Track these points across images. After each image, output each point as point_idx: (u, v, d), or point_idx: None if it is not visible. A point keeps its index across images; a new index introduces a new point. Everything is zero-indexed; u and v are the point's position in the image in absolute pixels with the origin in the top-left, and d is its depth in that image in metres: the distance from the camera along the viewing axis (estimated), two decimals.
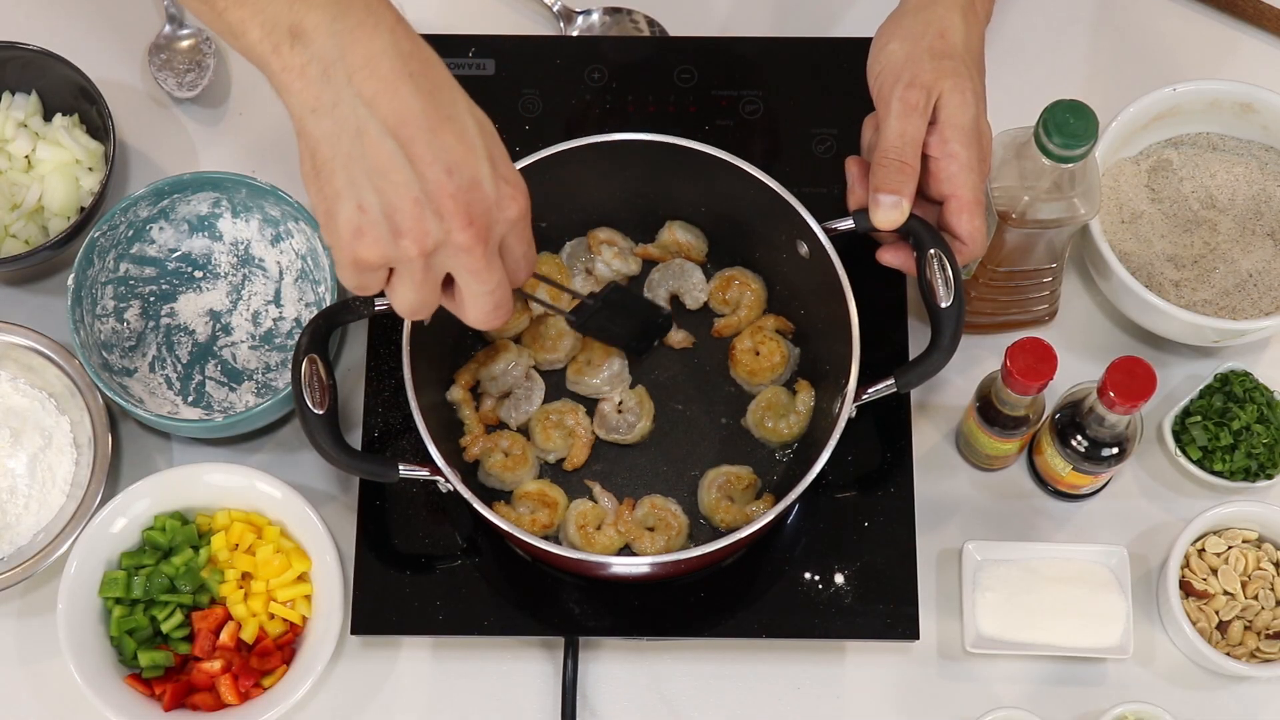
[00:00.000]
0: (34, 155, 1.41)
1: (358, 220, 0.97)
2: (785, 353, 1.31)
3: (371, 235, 0.97)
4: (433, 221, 0.97)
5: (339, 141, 0.96)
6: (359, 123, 0.96)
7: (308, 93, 0.96)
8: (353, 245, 0.98)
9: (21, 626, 1.33)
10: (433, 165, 0.97)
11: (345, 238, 0.98)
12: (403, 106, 0.96)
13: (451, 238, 0.98)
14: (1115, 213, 1.38)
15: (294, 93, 0.97)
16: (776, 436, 1.29)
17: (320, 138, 0.97)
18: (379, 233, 0.97)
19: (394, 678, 1.31)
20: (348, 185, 0.97)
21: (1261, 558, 1.31)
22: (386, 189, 0.96)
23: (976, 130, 1.19)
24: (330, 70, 0.95)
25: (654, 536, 1.27)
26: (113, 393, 1.30)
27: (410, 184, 0.96)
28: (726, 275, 1.34)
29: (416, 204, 0.97)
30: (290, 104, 0.98)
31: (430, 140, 0.97)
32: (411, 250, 0.98)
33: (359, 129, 0.96)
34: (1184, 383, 1.39)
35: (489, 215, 1.00)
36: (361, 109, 0.96)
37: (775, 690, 1.31)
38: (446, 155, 0.97)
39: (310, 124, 0.97)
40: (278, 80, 0.98)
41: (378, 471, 1.20)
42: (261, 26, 0.96)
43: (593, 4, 1.50)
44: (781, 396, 1.30)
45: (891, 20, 1.24)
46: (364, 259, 0.99)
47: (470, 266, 1.01)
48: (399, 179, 0.96)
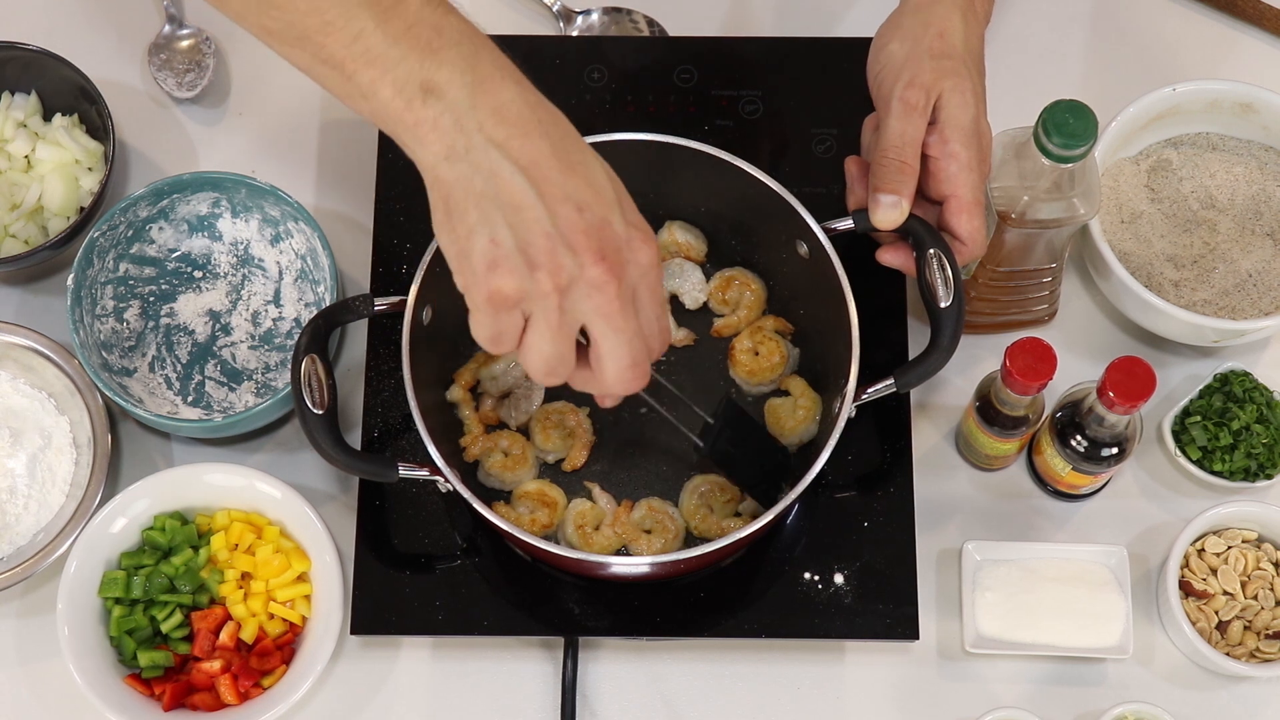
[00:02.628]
0: (34, 155, 1.41)
1: (492, 253, 0.97)
2: (784, 353, 1.31)
3: (506, 266, 0.97)
4: (566, 256, 0.97)
5: (472, 183, 0.97)
6: (492, 165, 0.96)
7: (441, 143, 0.97)
8: (488, 278, 0.97)
9: (21, 626, 1.33)
10: (564, 203, 0.97)
11: (480, 271, 0.98)
12: (534, 149, 0.97)
13: (585, 273, 0.98)
14: (1115, 213, 1.38)
15: (427, 144, 0.97)
16: (791, 432, 1.29)
17: (453, 182, 0.97)
18: (514, 264, 0.97)
19: (394, 678, 1.31)
20: (481, 221, 0.97)
21: (1261, 558, 1.31)
22: (519, 224, 0.97)
23: (976, 130, 1.19)
24: (463, 120, 0.97)
25: (651, 539, 1.27)
26: (112, 393, 1.30)
27: (543, 220, 0.96)
28: (726, 275, 1.34)
29: (549, 238, 0.97)
30: (423, 157, 0.98)
31: (562, 181, 0.97)
32: (546, 284, 0.97)
33: (492, 170, 0.96)
34: (1184, 383, 1.39)
35: (620, 255, 0.99)
36: (494, 152, 0.96)
37: (775, 690, 1.31)
38: (577, 195, 0.98)
39: (443, 171, 0.98)
40: (411, 135, 0.98)
41: (377, 471, 1.20)
42: (393, 84, 0.97)
43: (593, 4, 1.50)
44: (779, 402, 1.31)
45: (891, 21, 1.24)
46: (499, 290, 0.97)
47: (605, 309, 0.99)
48: (531, 215, 0.96)
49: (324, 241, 1.35)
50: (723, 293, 1.34)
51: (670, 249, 1.35)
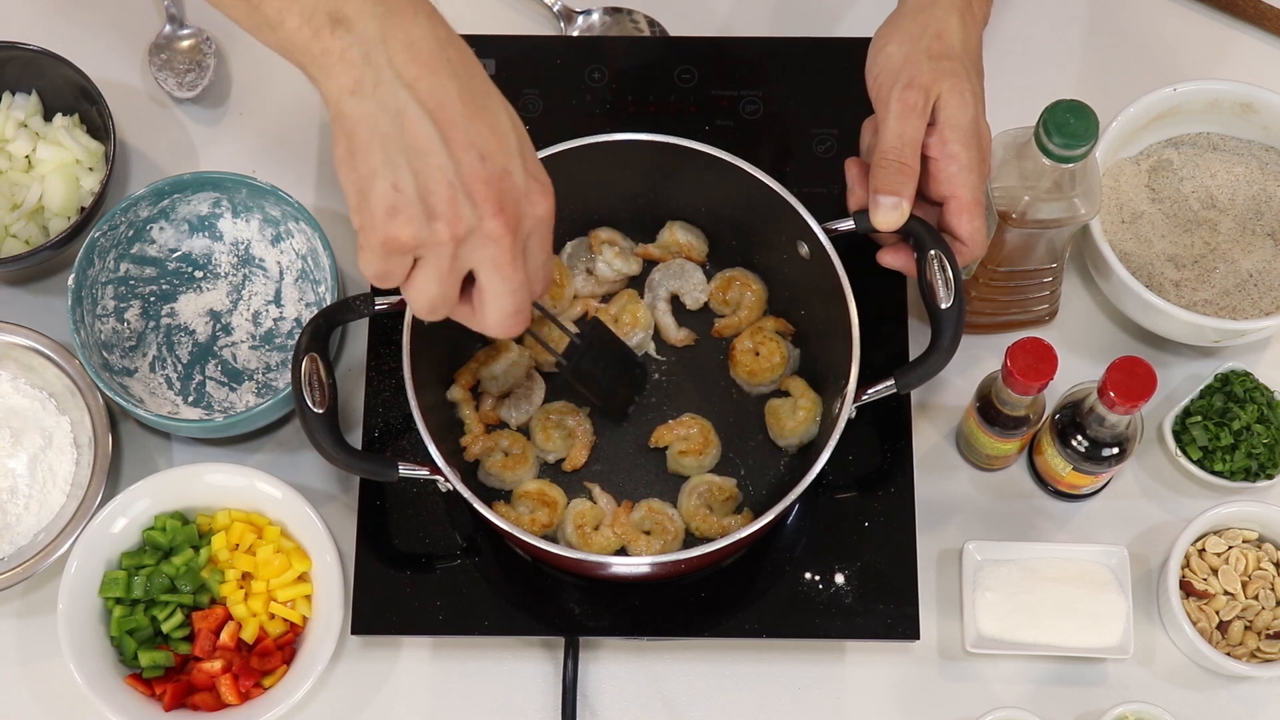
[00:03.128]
0: (34, 155, 1.41)
1: (392, 199, 0.97)
2: (785, 354, 1.31)
3: (405, 214, 0.97)
4: (465, 206, 0.97)
5: (378, 121, 0.96)
6: (399, 104, 0.96)
7: (348, 75, 0.97)
8: (386, 224, 0.97)
9: (21, 626, 1.33)
10: (468, 150, 0.97)
11: (379, 216, 0.97)
12: (442, 90, 0.97)
13: (483, 225, 0.98)
14: (1115, 213, 1.38)
15: (333, 76, 0.97)
16: (792, 434, 1.29)
17: (359, 118, 0.97)
18: (413, 212, 0.97)
19: (394, 678, 1.31)
20: (384, 164, 0.96)
21: (1262, 558, 1.31)
22: (423, 170, 0.96)
23: (976, 131, 1.19)
24: (371, 53, 0.96)
25: (650, 540, 1.27)
26: (113, 393, 1.30)
27: (445, 166, 0.96)
28: (727, 276, 1.34)
29: (451, 187, 0.97)
30: (328, 88, 0.98)
31: (467, 126, 0.97)
32: (444, 233, 0.97)
33: (399, 110, 0.96)
34: (1184, 383, 1.39)
35: (518, 207, 1.00)
36: (402, 90, 0.96)
37: (775, 690, 1.31)
38: (481, 142, 0.98)
39: (349, 105, 0.97)
40: (316, 65, 0.98)
41: (377, 471, 1.20)
42: (300, 14, 0.97)
43: (593, 4, 1.50)
44: (779, 402, 1.30)
45: (889, 22, 1.24)
46: (396, 238, 0.97)
47: (496, 260, 1.00)
48: (435, 161, 0.96)
49: (324, 241, 1.35)
50: (723, 293, 1.34)
51: (671, 249, 1.35)
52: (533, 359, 1.33)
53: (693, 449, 1.29)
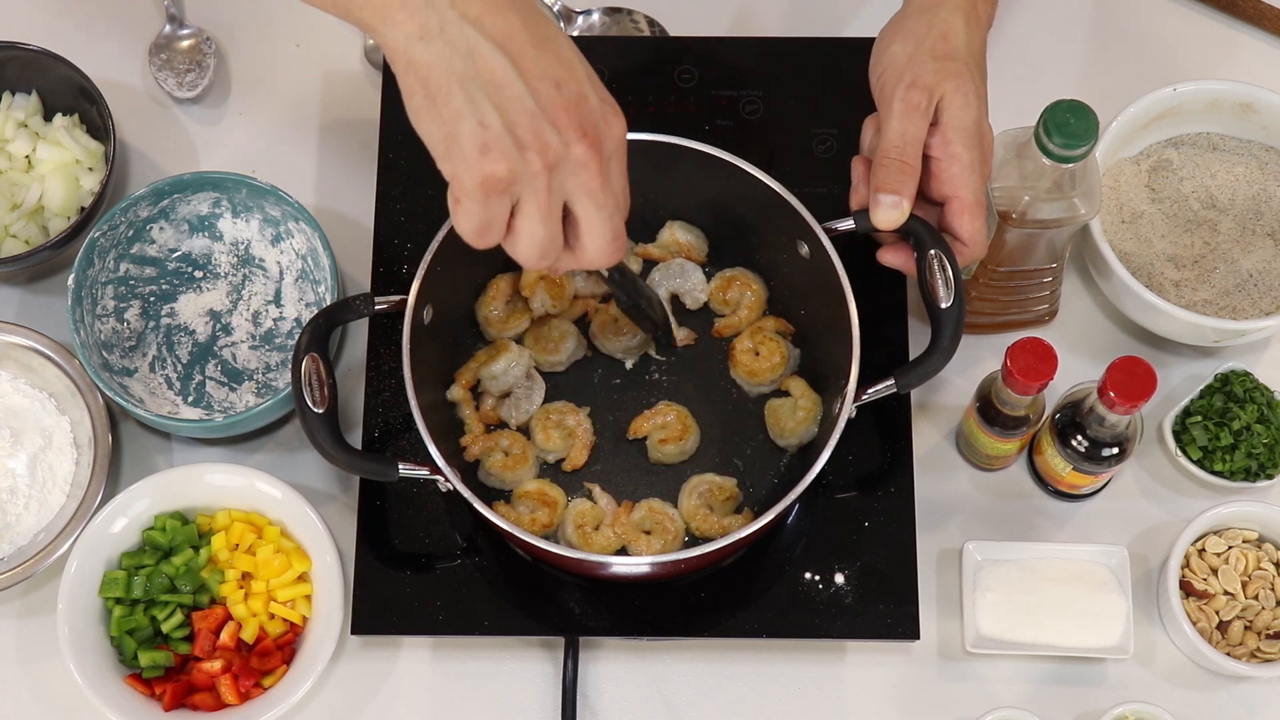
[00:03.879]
0: (34, 155, 1.41)
1: (482, 136, 0.96)
2: (785, 354, 1.31)
3: (498, 149, 0.97)
4: (551, 134, 0.97)
5: (451, 63, 0.96)
6: (469, 43, 0.96)
7: (413, 22, 0.97)
8: (481, 162, 0.97)
9: (21, 626, 1.33)
10: (543, 80, 0.97)
11: (472, 156, 0.97)
12: (507, 24, 0.97)
13: (570, 150, 0.98)
14: (1115, 213, 1.38)
15: (398, 24, 0.97)
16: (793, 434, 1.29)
17: (432, 63, 0.97)
18: (505, 146, 0.97)
19: (394, 678, 1.31)
20: (467, 104, 0.96)
21: (1262, 558, 1.31)
22: (504, 104, 0.96)
23: (978, 132, 1.19)
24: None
25: (650, 540, 1.27)
26: (113, 393, 1.30)
27: (524, 97, 0.97)
28: (727, 276, 1.34)
29: (533, 117, 0.97)
30: (393, 40, 0.98)
31: (537, 56, 0.97)
32: (536, 163, 0.97)
33: (470, 48, 0.96)
34: (1184, 383, 1.39)
35: (598, 129, 1.00)
36: (469, 29, 0.96)
37: (775, 690, 1.31)
38: (553, 71, 0.98)
39: (418, 53, 0.97)
40: (379, 17, 0.98)
41: (377, 471, 1.20)
42: None
43: (593, 4, 1.50)
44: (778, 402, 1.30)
45: (894, 22, 1.24)
46: (493, 175, 0.97)
47: (588, 186, 1.00)
48: (514, 93, 0.96)
49: (324, 241, 1.35)
50: (723, 293, 1.34)
51: (671, 249, 1.35)
52: (535, 357, 1.33)
53: (672, 436, 1.30)
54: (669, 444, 1.30)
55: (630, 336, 1.32)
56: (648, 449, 1.31)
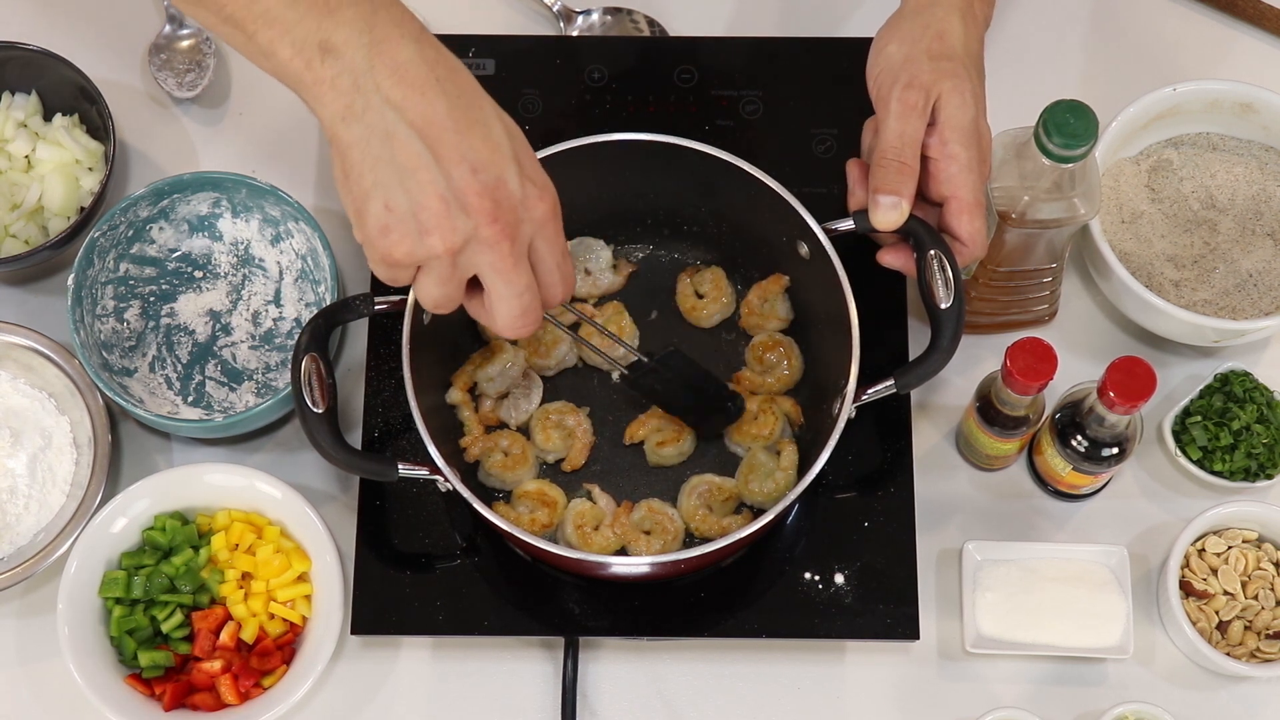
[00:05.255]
0: (34, 155, 1.41)
1: (385, 218, 0.99)
2: (777, 430, 1.30)
3: (398, 233, 0.99)
4: (460, 218, 0.99)
5: (369, 145, 0.99)
6: (388, 126, 0.99)
7: (339, 102, 0.99)
8: (381, 241, 1.00)
9: (21, 626, 1.33)
10: (459, 164, 0.99)
11: (374, 236, 1.00)
12: (430, 109, 0.99)
13: (478, 233, 1.00)
14: (1115, 213, 1.38)
15: (325, 104, 1.00)
16: (764, 498, 1.28)
17: (351, 143, 0.99)
18: (406, 229, 0.99)
19: (394, 678, 1.31)
20: (375, 185, 0.99)
21: (1261, 558, 1.31)
22: (413, 188, 0.99)
23: (976, 131, 1.19)
24: (360, 80, 0.99)
25: (650, 540, 1.27)
26: (113, 393, 1.30)
27: (436, 182, 0.99)
28: (775, 337, 1.33)
29: (443, 201, 0.99)
30: (322, 115, 1.01)
31: (457, 141, 0.99)
32: (438, 247, 1.00)
33: (388, 132, 0.99)
34: (1184, 383, 1.39)
35: (515, 213, 1.01)
36: (390, 113, 0.99)
37: (775, 690, 1.31)
38: (472, 155, 1.00)
39: (341, 131, 1.00)
40: (310, 94, 1.01)
41: (377, 471, 1.20)
42: (292, 45, 1.00)
43: (593, 4, 1.50)
44: (763, 459, 1.29)
45: (890, 23, 1.24)
46: (390, 255, 1.01)
47: (496, 265, 1.02)
48: (425, 178, 0.99)
49: (324, 241, 1.35)
50: (764, 350, 1.33)
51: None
52: (527, 360, 1.33)
53: (668, 438, 1.30)
54: (666, 446, 1.30)
55: (614, 347, 1.32)
56: (646, 452, 1.31)
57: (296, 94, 1.02)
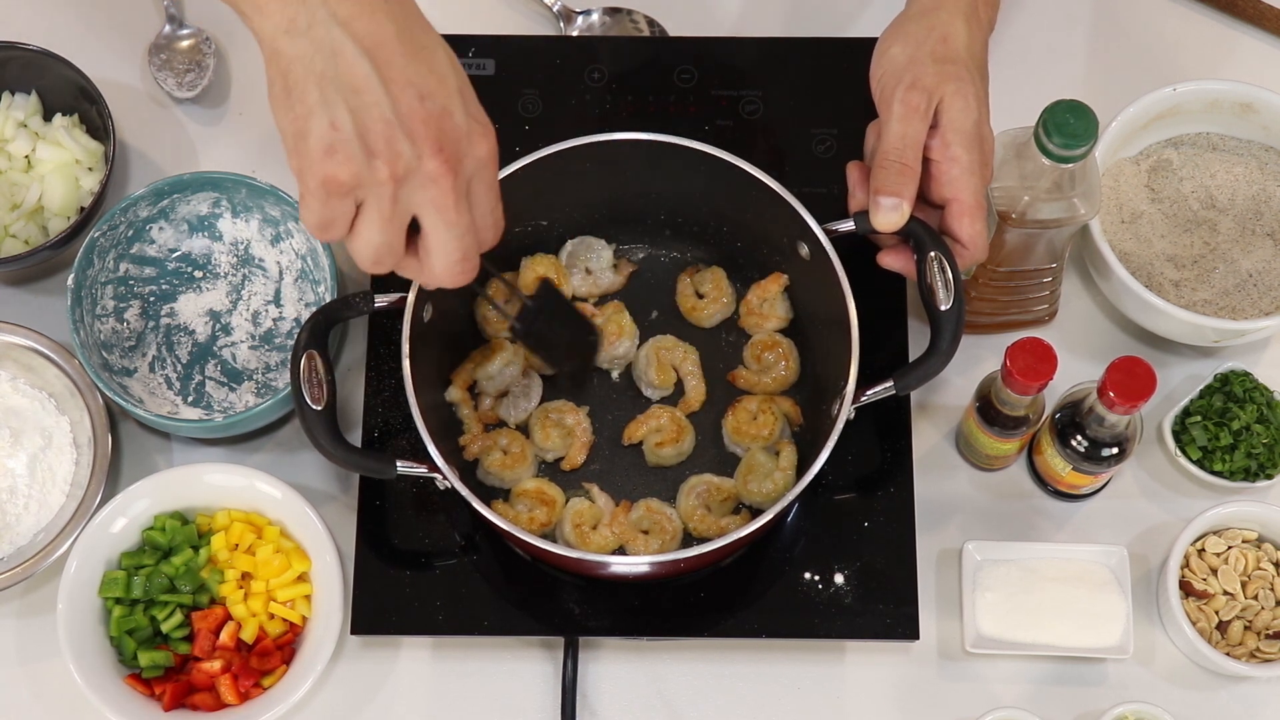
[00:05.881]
0: (34, 155, 1.41)
1: (330, 138, 0.96)
2: (777, 430, 1.30)
3: (344, 153, 0.96)
4: (404, 144, 0.96)
5: (313, 61, 0.96)
6: (334, 43, 0.95)
7: (282, 14, 0.96)
8: (324, 162, 0.96)
9: (21, 626, 1.33)
10: (406, 89, 0.96)
11: (316, 155, 0.96)
12: (378, 29, 0.96)
13: (422, 164, 0.97)
14: (1115, 213, 1.38)
15: (267, 15, 0.96)
16: (763, 498, 1.28)
17: (294, 58, 0.96)
18: (351, 150, 0.96)
19: (394, 678, 1.31)
20: (320, 103, 0.96)
21: (1261, 558, 1.31)
22: (359, 108, 0.95)
23: (978, 134, 1.19)
24: None
25: (648, 539, 1.27)
26: (113, 393, 1.30)
27: (383, 104, 0.96)
28: (774, 338, 1.33)
29: (388, 125, 0.96)
30: (262, 28, 0.97)
31: (404, 65, 0.96)
32: (383, 172, 0.96)
33: (334, 49, 0.95)
34: (1184, 383, 1.39)
35: (459, 147, 0.99)
36: (337, 29, 0.95)
37: (775, 690, 1.31)
38: (420, 81, 0.97)
39: (283, 44, 0.96)
40: (251, 5, 0.97)
41: (375, 468, 1.19)
42: None
43: (593, 4, 1.50)
44: (762, 459, 1.29)
45: (894, 25, 1.24)
46: (335, 177, 0.96)
47: (439, 201, 0.98)
48: (372, 99, 0.95)
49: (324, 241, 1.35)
50: (762, 350, 1.33)
51: None
52: (527, 358, 1.33)
53: (667, 438, 1.30)
54: (665, 446, 1.30)
55: (615, 346, 1.32)
56: (644, 452, 1.31)
57: (236, 9, 0.98)
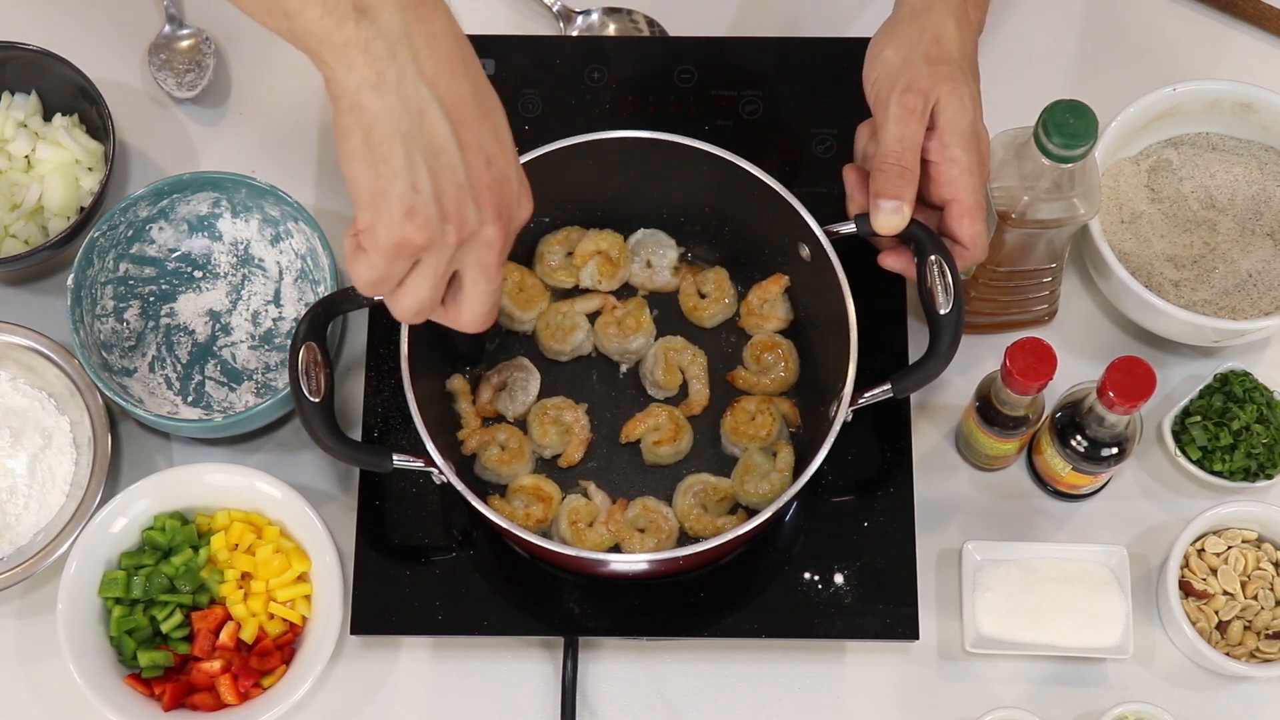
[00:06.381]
0: (34, 155, 1.41)
1: (411, 200, 0.96)
2: (775, 431, 1.30)
3: (423, 216, 0.96)
4: (471, 211, 0.98)
5: (400, 119, 0.95)
6: (421, 102, 0.96)
7: (370, 68, 0.95)
8: (403, 225, 0.96)
9: (21, 626, 1.33)
10: (478, 153, 0.98)
11: (397, 216, 0.96)
12: (458, 90, 0.97)
13: (483, 230, 0.99)
14: (1115, 213, 1.38)
15: (355, 68, 0.95)
16: (759, 499, 1.27)
17: (379, 113, 0.95)
18: (429, 214, 0.96)
19: (394, 678, 1.31)
20: (406, 164, 0.96)
21: (1261, 558, 1.31)
22: (439, 171, 0.96)
23: (975, 134, 1.19)
24: (396, 47, 0.95)
25: (644, 538, 1.27)
26: (113, 393, 1.30)
27: (457, 168, 0.97)
28: (774, 339, 1.33)
29: (460, 189, 0.97)
30: (347, 82, 0.96)
31: (477, 129, 0.98)
32: (452, 237, 0.98)
33: (420, 109, 0.96)
34: (1184, 383, 1.39)
35: (512, 213, 1.01)
36: (424, 89, 0.96)
37: (775, 690, 1.31)
38: (488, 146, 0.98)
39: (369, 99, 0.95)
40: (336, 56, 0.95)
41: (372, 461, 1.19)
42: (324, 4, 0.95)
43: (593, 4, 1.50)
44: (760, 460, 1.29)
45: (886, 28, 1.24)
46: (411, 240, 0.97)
47: (486, 262, 1.01)
48: (449, 162, 0.96)
49: (324, 241, 1.35)
50: (762, 350, 1.33)
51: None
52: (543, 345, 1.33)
53: (665, 437, 1.30)
54: (663, 445, 1.30)
55: (629, 340, 1.32)
56: (642, 450, 1.31)
57: (315, 57, 0.97)
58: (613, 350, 1.33)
